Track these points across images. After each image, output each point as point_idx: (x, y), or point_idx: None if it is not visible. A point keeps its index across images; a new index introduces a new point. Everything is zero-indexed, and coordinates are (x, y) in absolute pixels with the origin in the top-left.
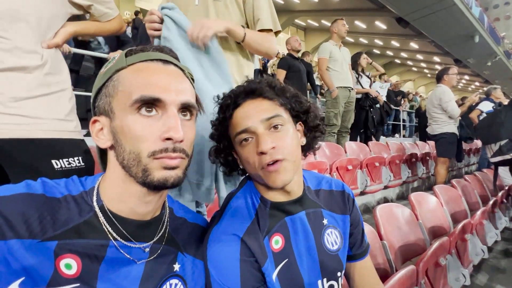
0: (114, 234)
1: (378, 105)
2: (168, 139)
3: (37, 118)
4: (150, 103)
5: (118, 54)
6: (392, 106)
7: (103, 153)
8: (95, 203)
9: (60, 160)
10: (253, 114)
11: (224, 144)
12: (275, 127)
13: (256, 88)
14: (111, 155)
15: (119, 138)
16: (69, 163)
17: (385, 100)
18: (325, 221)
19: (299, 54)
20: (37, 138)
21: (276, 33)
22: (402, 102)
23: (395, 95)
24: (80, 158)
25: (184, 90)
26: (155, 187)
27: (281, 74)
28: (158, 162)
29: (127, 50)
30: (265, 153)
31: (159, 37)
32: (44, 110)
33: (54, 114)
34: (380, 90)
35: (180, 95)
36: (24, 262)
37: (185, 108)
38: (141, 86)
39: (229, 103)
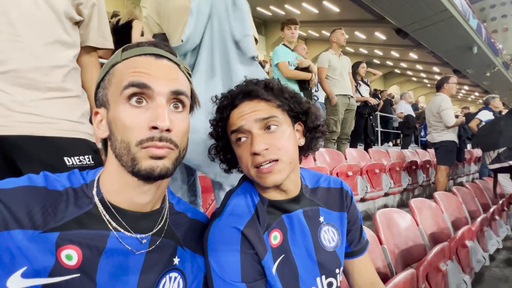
0: (114, 225)
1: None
2: (154, 128)
3: (50, 118)
4: (140, 94)
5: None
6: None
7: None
8: (95, 195)
9: (72, 158)
10: (248, 114)
11: (223, 142)
12: (269, 127)
13: (253, 89)
14: (108, 146)
15: (112, 128)
16: (80, 161)
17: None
18: (321, 219)
19: None
20: (50, 136)
21: None
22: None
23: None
24: (90, 156)
25: (175, 80)
26: (143, 176)
27: None
28: (145, 151)
29: (125, 46)
30: (258, 154)
31: None
32: (58, 112)
33: (67, 116)
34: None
35: (170, 85)
36: (26, 252)
37: (177, 99)
38: (130, 74)
39: (226, 104)
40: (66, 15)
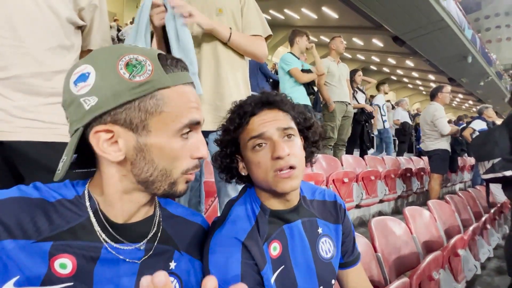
0: (105, 236)
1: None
2: (198, 158)
3: (51, 123)
4: (190, 127)
5: (144, 58)
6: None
7: (82, 161)
8: (88, 207)
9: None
10: (270, 122)
11: (231, 149)
12: (289, 136)
13: (275, 100)
14: (113, 169)
15: (151, 156)
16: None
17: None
18: (320, 230)
19: None
20: (51, 141)
21: (267, 38)
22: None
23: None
24: None
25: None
26: (174, 195)
27: None
28: (185, 177)
29: (162, 60)
30: (281, 158)
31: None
32: (59, 117)
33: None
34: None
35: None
36: (18, 261)
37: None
38: (188, 110)
39: (247, 111)
40: (69, 21)
